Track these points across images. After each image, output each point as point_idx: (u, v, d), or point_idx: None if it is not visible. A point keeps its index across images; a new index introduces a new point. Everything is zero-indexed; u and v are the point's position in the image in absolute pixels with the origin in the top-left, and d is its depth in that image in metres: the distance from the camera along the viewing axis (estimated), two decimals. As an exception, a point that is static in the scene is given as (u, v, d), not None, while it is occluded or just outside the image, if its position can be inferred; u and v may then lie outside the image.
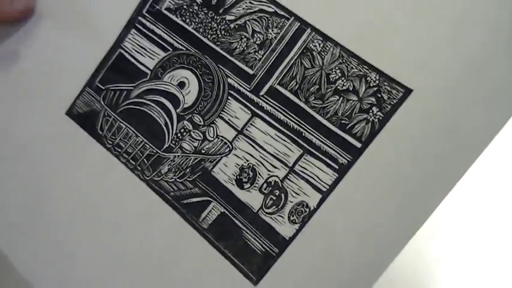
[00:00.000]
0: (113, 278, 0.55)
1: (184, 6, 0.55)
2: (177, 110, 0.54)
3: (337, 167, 0.48)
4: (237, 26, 0.53)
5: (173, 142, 0.54)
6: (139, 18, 0.56)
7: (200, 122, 0.53)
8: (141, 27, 0.56)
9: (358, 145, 0.48)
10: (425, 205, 0.45)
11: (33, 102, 0.59)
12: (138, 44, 0.56)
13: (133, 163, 0.55)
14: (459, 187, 0.45)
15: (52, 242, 0.57)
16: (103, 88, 0.57)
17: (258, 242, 0.51)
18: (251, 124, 0.52)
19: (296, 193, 0.50)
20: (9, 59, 0.60)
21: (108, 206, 0.56)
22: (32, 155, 0.59)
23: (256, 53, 0.52)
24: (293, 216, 0.49)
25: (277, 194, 0.50)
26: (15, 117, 0.60)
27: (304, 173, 0.49)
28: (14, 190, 0.59)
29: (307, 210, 0.49)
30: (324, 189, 0.49)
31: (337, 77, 0.49)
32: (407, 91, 0.46)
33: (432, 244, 0.49)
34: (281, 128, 0.51)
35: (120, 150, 0.56)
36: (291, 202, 0.50)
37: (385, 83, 0.47)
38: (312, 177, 0.49)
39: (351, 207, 0.48)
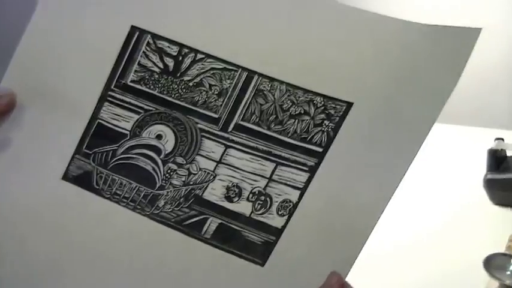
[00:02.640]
0: None
1: (146, 77, 0.70)
2: (160, 157, 0.69)
3: (307, 169, 0.66)
4: (195, 84, 0.69)
5: (163, 181, 0.69)
6: (109, 92, 0.70)
7: (183, 161, 0.69)
8: (112, 99, 0.70)
9: (320, 150, 0.66)
10: (388, 178, 0.64)
11: (30, 176, 0.71)
12: (112, 113, 0.70)
13: (133, 204, 0.69)
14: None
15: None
16: (90, 152, 0.70)
17: (256, 236, 0.67)
18: (227, 154, 0.68)
19: (279, 194, 0.67)
20: (1, 146, 0.71)
21: (119, 243, 0.69)
22: (39, 219, 0.71)
23: (217, 101, 0.68)
24: (280, 211, 0.66)
25: (262, 199, 0.67)
26: (17, 191, 0.71)
27: (282, 179, 0.66)
28: (30, 252, 0.71)
29: (291, 203, 0.66)
30: (301, 186, 0.66)
31: (288, 106, 0.66)
32: (349, 104, 0.65)
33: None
34: (252, 151, 0.67)
35: (118, 197, 0.69)
36: (276, 202, 0.67)
37: (330, 102, 0.65)
38: (289, 181, 0.66)
39: (326, 193, 0.65)
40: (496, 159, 1.26)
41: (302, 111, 0.66)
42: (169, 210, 0.68)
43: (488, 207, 1.25)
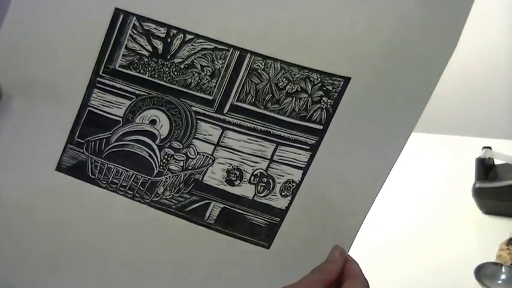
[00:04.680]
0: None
1: (136, 61, 0.68)
2: (156, 142, 0.68)
3: (308, 148, 0.65)
4: (186, 66, 0.67)
5: (161, 167, 0.67)
6: (98, 78, 0.68)
7: (179, 146, 0.67)
8: (102, 86, 0.68)
9: (320, 127, 0.65)
10: (387, 150, 0.64)
11: (21, 168, 0.69)
12: (103, 100, 0.68)
13: (131, 192, 0.68)
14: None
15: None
16: (83, 141, 0.69)
17: (260, 219, 0.66)
18: (224, 136, 0.67)
19: (281, 175, 0.66)
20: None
21: (119, 234, 0.68)
22: (32, 213, 0.69)
23: (210, 82, 0.67)
24: (284, 192, 0.66)
25: (265, 180, 0.66)
26: (8, 185, 0.70)
27: (283, 159, 0.66)
28: (24, 248, 0.69)
29: (294, 184, 0.66)
30: (303, 166, 0.65)
31: (284, 84, 0.65)
32: (347, 79, 0.64)
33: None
34: (251, 132, 0.66)
35: (115, 186, 0.68)
36: (279, 183, 0.66)
37: (327, 78, 0.64)
38: (291, 160, 0.65)
39: (328, 171, 0.65)
40: (485, 168, 1.28)
41: (299, 89, 0.65)
42: (170, 196, 0.67)
43: (478, 216, 1.27)
